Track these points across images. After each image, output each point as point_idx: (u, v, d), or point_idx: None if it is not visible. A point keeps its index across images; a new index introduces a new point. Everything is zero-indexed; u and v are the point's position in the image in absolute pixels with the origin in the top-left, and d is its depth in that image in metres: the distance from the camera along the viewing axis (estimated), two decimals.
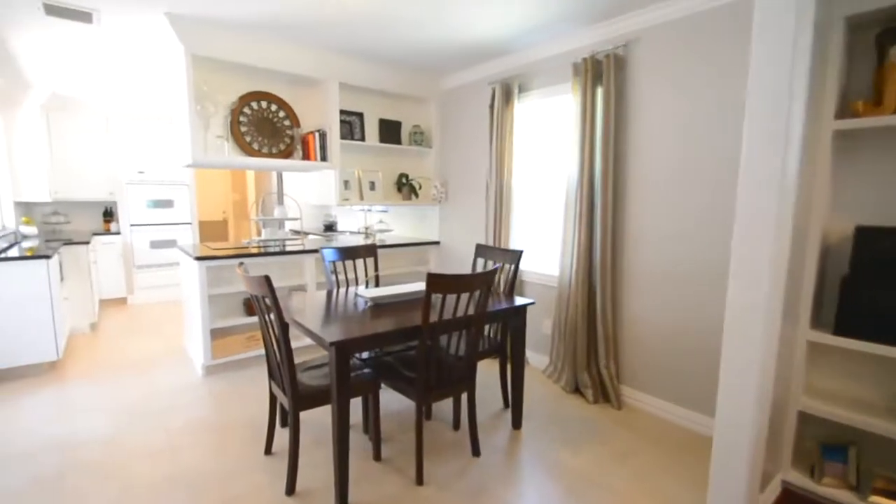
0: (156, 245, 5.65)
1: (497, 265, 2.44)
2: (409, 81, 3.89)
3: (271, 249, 3.53)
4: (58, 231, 5.20)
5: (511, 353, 2.61)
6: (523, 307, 2.53)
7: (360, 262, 3.70)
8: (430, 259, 4.30)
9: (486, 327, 2.77)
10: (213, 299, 3.30)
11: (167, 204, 5.66)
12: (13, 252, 3.73)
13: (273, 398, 2.32)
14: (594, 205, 2.98)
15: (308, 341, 3.46)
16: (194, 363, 3.54)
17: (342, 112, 3.50)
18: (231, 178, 8.36)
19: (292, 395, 1.98)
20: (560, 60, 3.15)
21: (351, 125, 3.74)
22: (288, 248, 3.57)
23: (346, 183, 3.76)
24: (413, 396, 2.10)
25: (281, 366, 2.00)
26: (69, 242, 4.31)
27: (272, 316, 1.92)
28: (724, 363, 1.77)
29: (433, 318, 2.03)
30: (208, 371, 3.34)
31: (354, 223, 5.56)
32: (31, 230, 4.64)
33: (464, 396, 2.69)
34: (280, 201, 5.81)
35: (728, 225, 2.39)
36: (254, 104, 3.35)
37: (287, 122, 3.48)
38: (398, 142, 4.01)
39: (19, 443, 2.44)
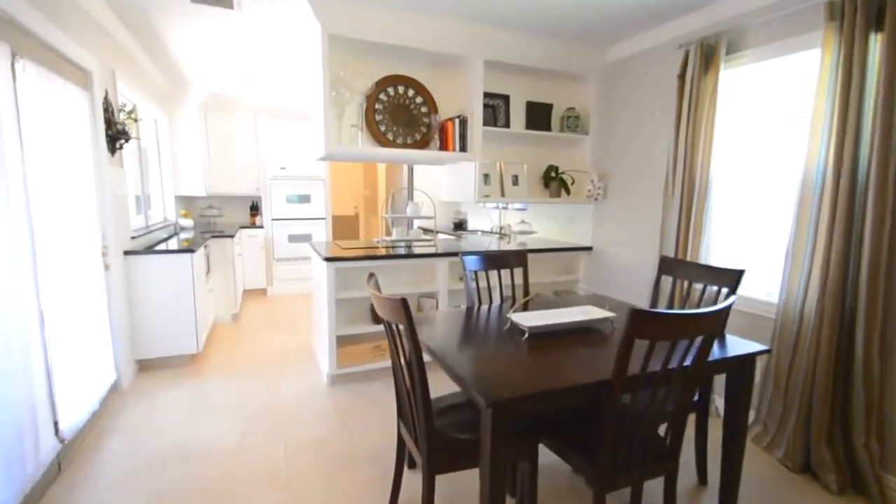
0: (293, 239, 5.81)
1: (693, 286, 1.67)
2: (566, 55, 3.21)
3: (402, 251, 3.16)
4: (212, 224, 5.59)
5: (726, 418, 1.81)
6: (751, 356, 1.71)
7: (505, 271, 3.10)
8: (580, 268, 3.58)
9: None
10: (340, 304, 3.03)
11: (305, 199, 5.78)
12: (172, 242, 3.94)
13: (402, 442, 1.87)
14: (855, 205, 2.01)
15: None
16: (320, 368, 3.34)
17: (485, 95, 2.98)
18: (363, 173, 8.51)
19: (428, 453, 1.48)
20: (800, 1, 2.21)
21: (494, 110, 3.20)
22: (419, 251, 3.17)
23: (485, 177, 3.24)
24: (591, 477, 1.46)
25: (414, 413, 1.52)
26: (217, 235, 4.50)
27: (405, 346, 1.45)
28: None
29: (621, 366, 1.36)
30: (333, 380, 3.09)
31: (486, 222, 5.05)
32: (188, 223, 4.99)
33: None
34: (410, 197, 5.57)
35: None
36: (390, 89, 2.99)
37: (424, 109, 3.06)
38: (547, 127, 3.36)
39: (150, 448, 2.36)
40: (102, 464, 2.23)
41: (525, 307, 2.12)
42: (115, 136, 3.16)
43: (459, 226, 5.50)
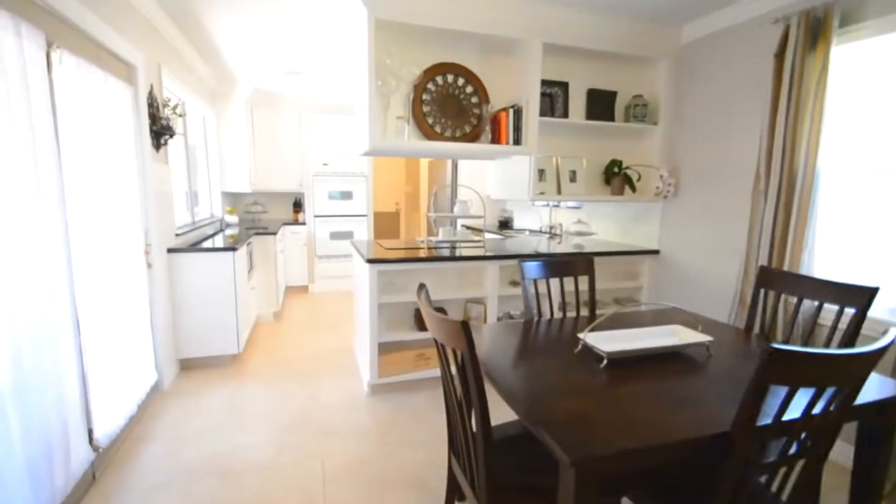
0: (335, 236, 5.71)
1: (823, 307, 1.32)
2: (634, 35, 2.86)
3: (449, 253, 2.93)
4: (256, 220, 5.58)
5: (857, 473, 1.46)
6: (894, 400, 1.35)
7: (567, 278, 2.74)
8: (643, 273, 3.22)
9: None
10: (382, 308, 2.83)
11: (347, 196, 5.67)
12: (218, 239, 3.89)
13: (452, 477, 1.63)
14: None
15: None
16: (361, 374, 3.17)
17: (542, 83, 2.68)
18: (405, 168, 8.36)
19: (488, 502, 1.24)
20: None
21: (552, 99, 2.89)
22: (468, 253, 2.93)
23: (540, 173, 2.94)
24: None
25: (470, 453, 1.27)
26: (259, 233, 4.44)
27: (461, 372, 1.20)
28: None
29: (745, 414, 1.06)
30: (373, 390, 2.91)
31: (534, 220, 4.74)
32: (233, 219, 4.98)
33: None
34: (454, 194, 5.34)
35: None
36: (439, 78, 2.75)
37: (475, 99, 2.80)
38: (610, 117, 3.01)
39: (185, 458, 2.25)
40: (137, 473, 2.13)
41: (592, 320, 1.83)
42: (160, 131, 3.09)
43: (505, 224, 5.21)
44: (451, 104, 2.78)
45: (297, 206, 5.79)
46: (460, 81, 2.77)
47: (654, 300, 3.17)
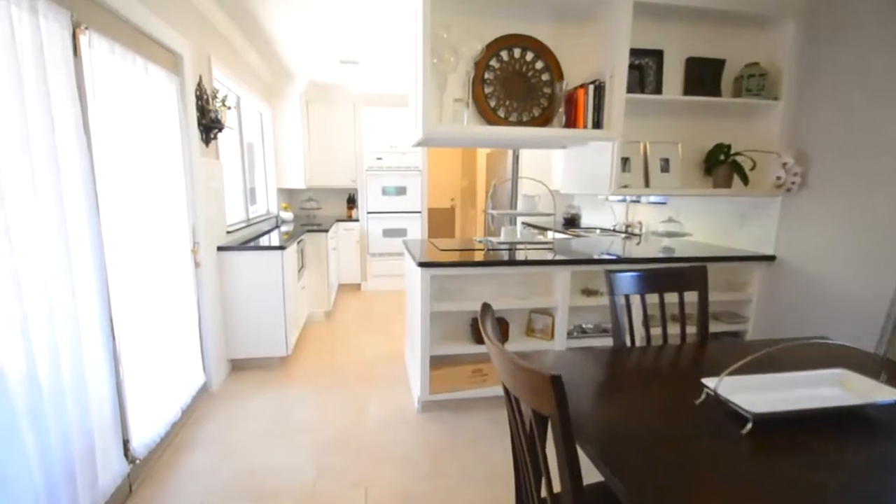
0: (388, 233, 5.50)
1: None
2: None
3: (511, 256, 2.56)
4: (311, 216, 5.48)
5: None
6: None
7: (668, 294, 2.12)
8: (750, 284, 2.65)
9: None
10: (435, 317, 2.52)
11: (400, 191, 5.44)
12: (273, 236, 3.78)
13: None
14: None
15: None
16: (411, 387, 2.88)
17: (630, 53, 2.21)
18: (461, 161, 8.02)
19: None
20: None
21: (642, 71, 2.41)
22: (534, 256, 2.55)
23: (624, 162, 2.48)
24: None
25: None
26: (312, 230, 4.29)
27: (540, 437, 0.85)
28: None
29: None
30: (424, 407, 2.61)
31: (605, 218, 4.23)
32: (288, 215, 4.89)
33: None
34: (514, 189, 4.93)
35: None
36: (503, 53, 2.38)
37: (546, 77, 2.40)
38: (715, 92, 2.47)
39: (223, 474, 2.07)
40: (173, 490, 1.98)
41: (702, 349, 1.39)
42: (209, 125, 2.97)
43: (571, 222, 4.73)
44: (516, 83, 2.39)
45: (351, 202, 5.64)
46: (528, 56, 2.38)
47: (767, 318, 2.60)
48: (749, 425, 1.01)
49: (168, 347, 2.34)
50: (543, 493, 0.93)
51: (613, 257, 2.58)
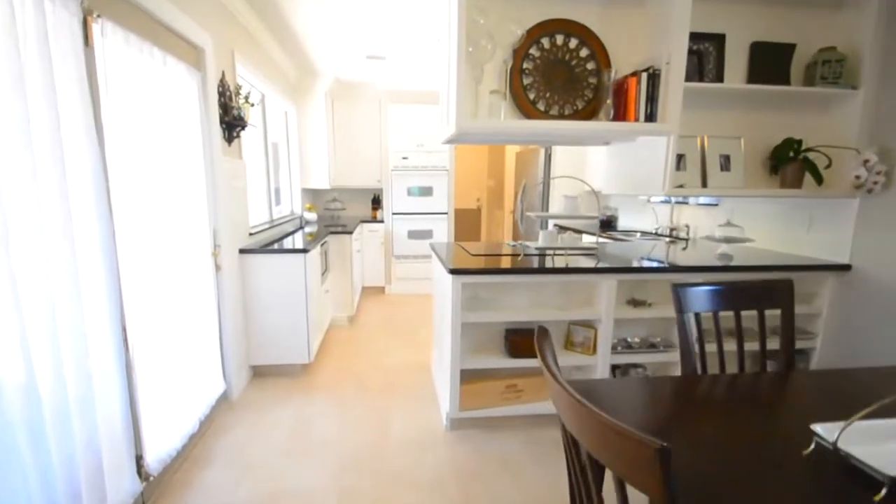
0: (413, 235, 5.34)
1: None
2: None
3: (550, 264, 2.34)
4: (335, 217, 5.37)
5: None
6: None
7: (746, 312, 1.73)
8: (820, 296, 2.36)
9: None
10: (466, 328, 2.33)
11: (426, 192, 5.27)
12: (297, 237, 3.67)
13: None
14: None
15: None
16: (439, 402, 2.70)
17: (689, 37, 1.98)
18: (488, 160, 7.79)
19: None
20: None
21: (700, 57, 2.17)
22: (574, 263, 2.33)
23: (678, 159, 2.24)
24: None
25: None
26: (335, 231, 4.16)
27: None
28: None
29: None
30: (453, 424, 2.43)
31: (644, 220, 3.96)
32: (312, 216, 4.79)
33: None
34: (546, 189, 4.70)
35: None
36: (545, 41, 2.17)
37: (591, 66, 2.18)
38: (784, 80, 2.20)
39: (240, 495, 1.93)
40: None
41: (788, 374, 1.15)
42: (232, 122, 2.86)
43: (607, 224, 4.47)
44: (558, 73, 2.18)
45: (376, 202, 5.50)
46: (572, 43, 2.16)
47: (839, 334, 2.31)
48: (884, 491, 0.79)
49: (187, 354, 2.22)
50: None
51: (666, 265, 2.34)
